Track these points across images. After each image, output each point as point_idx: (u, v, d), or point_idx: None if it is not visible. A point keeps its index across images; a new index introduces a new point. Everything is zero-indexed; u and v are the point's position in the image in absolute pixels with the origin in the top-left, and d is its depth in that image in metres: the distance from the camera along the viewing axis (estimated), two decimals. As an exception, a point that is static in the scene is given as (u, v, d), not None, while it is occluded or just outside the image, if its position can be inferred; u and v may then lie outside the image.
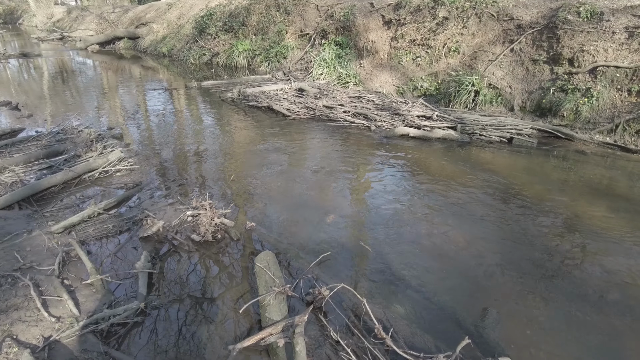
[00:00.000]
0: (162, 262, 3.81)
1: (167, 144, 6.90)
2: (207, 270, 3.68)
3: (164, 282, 3.54)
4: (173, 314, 3.17)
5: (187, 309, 3.21)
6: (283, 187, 5.28)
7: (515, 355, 2.76)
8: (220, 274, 3.63)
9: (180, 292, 3.40)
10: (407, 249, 3.98)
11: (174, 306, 3.25)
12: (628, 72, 6.99)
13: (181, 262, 3.80)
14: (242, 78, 11.97)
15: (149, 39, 19.46)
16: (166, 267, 3.73)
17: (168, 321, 3.10)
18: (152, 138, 7.32)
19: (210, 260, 3.81)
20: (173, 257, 3.88)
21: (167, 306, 3.25)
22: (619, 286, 3.46)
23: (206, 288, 3.45)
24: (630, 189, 5.33)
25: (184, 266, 3.74)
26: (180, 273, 3.64)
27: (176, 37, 18.09)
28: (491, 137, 6.95)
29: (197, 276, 3.60)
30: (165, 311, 3.21)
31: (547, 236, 4.20)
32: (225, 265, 3.74)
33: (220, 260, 3.81)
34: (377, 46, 10.66)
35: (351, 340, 2.82)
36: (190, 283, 3.52)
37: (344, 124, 7.91)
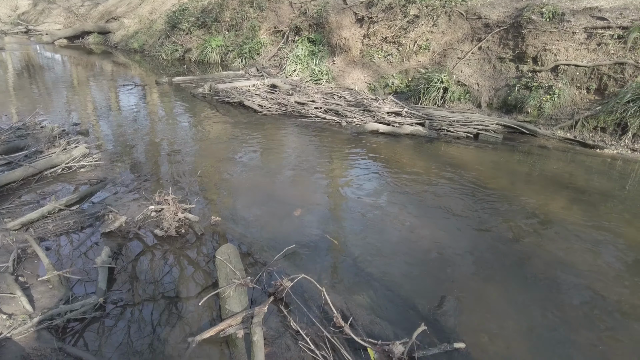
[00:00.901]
0: (124, 257, 3.75)
1: (135, 140, 6.78)
2: (169, 265, 3.64)
3: (126, 277, 3.48)
4: (133, 308, 3.13)
5: (148, 304, 3.18)
6: (252, 182, 5.27)
7: (471, 341, 2.84)
8: (183, 269, 3.60)
9: (142, 287, 3.36)
10: (372, 241, 4.04)
11: (135, 301, 3.21)
12: (587, 71, 7.26)
13: (144, 257, 3.76)
14: (215, 74, 11.85)
15: (119, 34, 19.02)
16: (128, 262, 3.68)
17: (128, 316, 3.06)
18: (120, 134, 7.17)
19: (173, 255, 3.78)
20: (135, 253, 3.82)
21: (127, 301, 3.21)
22: (573, 273, 3.60)
23: (168, 282, 3.42)
24: (587, 182, 5.54)
25: (146, 261, 3.69)
26: (143, 268, 3.60)
27: (148, 32, 17.74)
28: (458, 132, 7.11)
29: (159, 271, 3.56)
30: (125, 306, 3.16)
31: (508, 227, 4.33)
32: (187, 260, 3.72)
33: (183, 254, 3.78)
34: (350, 43, 10.72)
35: (311, 330, 2.85)
36: (152, 278, 3.48)
37: (316, 120, 7.94)
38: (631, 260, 3.84)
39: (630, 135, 6.48)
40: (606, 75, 7.08)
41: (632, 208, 4.81)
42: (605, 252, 3.93)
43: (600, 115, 6.80)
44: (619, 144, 6.54)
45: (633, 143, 6.45)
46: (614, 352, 2.80)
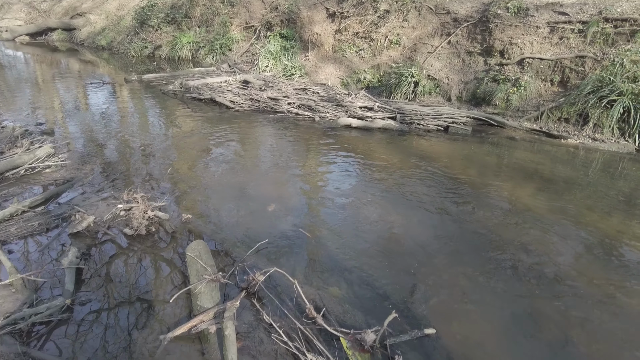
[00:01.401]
0: (92, 258, 3.66)
1: (103, 139, 6.60)
2: (140, 264, 3.58)
3: (95, 278, 3.41)
4: (103, 309, 3.07)
5: (118, 304, 3.12)
6: (224, 178, 5.22)
7: (441, 326, 2.91)
8: (154, 267, 3.55)
9: (112, 287, 3.29)
10: (346, 233, 4.07)
11: (105, 301, 3.15)
12: (550, 64, 7.49)
13: (113, 257, 3.68)
14: (186, 70, 11.66)
15: (86, 30, 18.44)
16: (97, 263, 3.60)
17: (97, 317, 3.00)
18: (89, 133, 6.97)
19: (143, 253, 3.71)
20: (105, 252, 3.74)
21: (96, 302, 3.14)
22: (539, 257, 3.73)
23: (139, 281, 3.36)
24: (552, 171, 5.73)
25: (116, 261, 3.62)
26: (112, 268, 3.52)
27: (116, 29, 17.27)
28: (429, 126, 7.22)
29: (129, 270, 3.50)
30: (94, 307, 3.10)
31: (477, 216, 4.44)
32: (158, 258, 3.66)
33: (153, 253, 3.72)
34: (322, 39, 10.72)
35: (284, 322, 2.86)
36: (122, 277, 3.41)
37: (289, 116, 7.92)
38: (592, 243, 4.00)
39: (591, 125, 6.73)
40: (568, 68, 7.33)
41: (593, 195, 5.01)
42: (569, 237, 4.08)
43: (564, 106, 7.04)
44: (581, 134, 6.79)
45: (594, 133, 6.71)
46: (577, 330, 2.92)
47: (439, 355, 2.67)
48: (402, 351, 2.65)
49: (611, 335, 2.90)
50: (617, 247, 3.96)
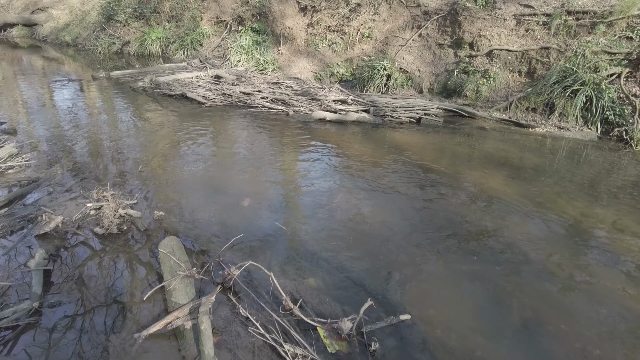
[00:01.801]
0: (62, 259, 3.55)
1: (71, 138, 6.39)
2: (112, 263, 3.49)
3: (64, 280, 3.30)
4: (74, 311, 2.98)
5: (90, 305, 3.04)
6: (197, 174, 5.14)
7: (416, 312, 2.96)
8: (126, 266, 3.47)
9: (83, 288, 3.20)
10: (321, 225, 4.08)
11: (75, 303, 3.06)
12: (517, 55, 7.70)
13: (84, 257, 3.57)
14: (156, 67, 11.40)
15: (48, 26, 17.75)
16: (67, 264, 3.49)
17: (68, 319, 2.91)
18: (55, 132, 6.72)
19: (115, 252, 3.62)
20: (75, 253, 3.63)
21: (66, 304, 3.05)
22: (510, 243, 3.84)
23: (111, 281, 3.28)
24: (521, 159, 5.90)
25: (86, 261, 3.52)
26: (83, 268, 3.43)
27: (81, 24, 16.69)
28: (401, 118, 7.31)
29: (101, 270, 3.41)
30: (64, 309, 3.00)
31: (450, 204, 4.53)
32: (131, 257, 3.58)
33: (126, 252, 3.63)
34: (294, 32, 10.67)
35: (261, 315, 2.85)
36: (93, 278, 3.32)
37: (263, 110, 7.85)
38: (559, 227, 4.15)
39: (557, 114, 6.96)
40: (534, 59, 7.55)
41: (560, 181, 5.19)
42: (537, 222, 4.22)
43: (531, 96, 7.25)
44: (547, 122, 7.01)
45: (559, 122, 6.94)
46: (546, 309, 3.03)
47: (415, 340, 2.72)
48: (379, 338, 2.69)
49: (577, 313, 3.02)
50: (582, 230, 4.12)
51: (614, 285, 3.32)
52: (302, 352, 2.46)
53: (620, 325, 2.94)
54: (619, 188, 5.03)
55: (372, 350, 2.56)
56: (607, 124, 6.62)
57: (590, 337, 2.82)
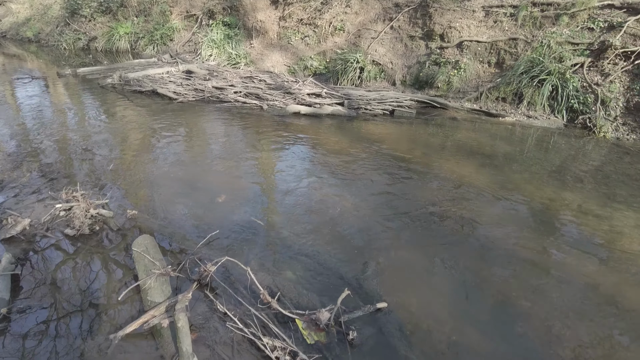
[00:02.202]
0: (31, 262, 3.44)
1: (37, 137, 6.16)
2: (85, 265, 3.41)
3: (35, 284, 3.20)
4: (46, 315, 2.89)
5: (62, 308, 2.96)
6: (170, 171, 5.05)
7: (393, 300, 3.02)
8: (99, 267, 3.39)
9: (54, 292, 3.11)
10: (298, 218, 4.09)
11: (47, 307, 2.97)
12: (487, 46, 7.86)
13: (54, 259, 3.47)
14: (125, 63, 11.10)
15: (7, 21, 17.00)
16: (37, 268, 3.38)
17: (40, 325, 2.82)
18: (19, 131, 6.47)
19: (88, 253, 3.53)
20: (45, 256, 3.52)
21: (37, 308, 2.95)
22: (482, 228, 3.94)
23: (84, 283, 3.20)
24: (492, 147, 6.05)
25: (57, 264, 3.42)
26: (53, 271, 3.33)
27: (43, 19, 16.06)
28: (375, 110, 7.37)
29: (73, 272, 3.32)
30: (35, 314, 2.91)
31: (425, 194, 4.61)
32: (104, 257, 3.50)
33: (99, 252, 3.55)
34: (266, 26, 10.57)
35: (239, 310, 2.85)
36: (65, 280, 3.23)
37: (236, 105, 7.78)
38: (530, 212, 4.29)
39: (525, 103, 7.16)
40: (503, 50, 7.72)
41: (530, 168, 5.35)
42: (508, 208, 4.35)
43: (500, 86, 7.42)
44: (517, 111, 7.20)
45: (528, 110, 7.14)
46: (516, 292, 3.14)
47: (391, 327, 2.77)
48: (356, 326, 2.73)
49: (546, 293, 3.14)
50: (550, 213, 4.27)
51: (580, 266, 3.46)
52: (281, 344, 2.47)
53: (585, 303, 3.07)
54: (584, 173, 5.22)
55: (350, 339, 2.60)
56: (572, 112, 6.86)
57: (558, 316, 2.93)
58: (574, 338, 2.76)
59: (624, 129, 6.41)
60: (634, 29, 6.68)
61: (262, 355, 2.54)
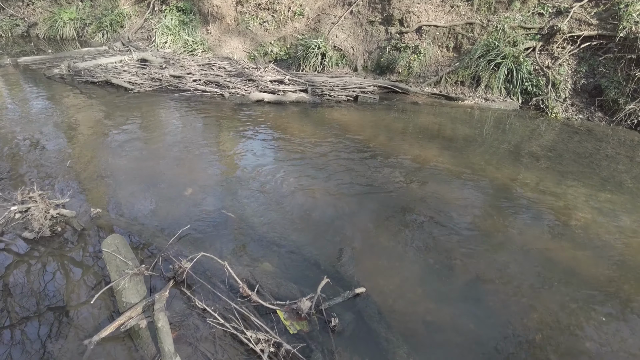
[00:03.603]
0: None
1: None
2: (49, 270, 3.24)
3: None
4: (9, 327, 2.74)
5: (29, 318, 2.80)
6: (133, 166, 4.86)
7: (369, 284, 3.08)
8: (66, 271, 3.24)
9: (18, 301, 2.94)
10: (269, 209, 4.07)
11: (11, 319, 2.80)
12: (445, 31, 8.02)
13: (14, 266, 3.28)
14: (72, 51, 10.44)
15: None
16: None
17: (5, 338, 2.67)
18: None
19: (51, 257, 3.36)
20: (2, 263, 3.32)
21: (0, 321, 2.79)
22: (447, 210, 4.09)
23: (51, 289, 3.05)
24: (453, 130, 6.24)
25: (16, 269, 3.23)
26: (15, 279, 3.14)
27: (-27, 3, 14.73)
28: (339, 96, 7.39)
29: (35, 278, 3.15)
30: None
31: (391, 178, 4.71)
32: (70, 260, 3.34)
33: (63, 255, 3.39)
34: (223, 11, 10.24)
35: (218, 305, 2.82)
36: (29, 288, 3.06)
37: (196, 94, 7.54)
38: (491, 192, 4.49)
39: (482, 86, 7.40)
40: (460, 34, 7.91)
41: (489, 149, 5.58)
42: (471, 188, 4.53)
43: (459, 70, 7.63)
44: (475, 95, 7.44)
45: (486, 93, 7.40)
46: (485, 270, 3.30)
47: (371, 311, 2.84)
48: (337, 313, 2.78)
49: (510, 269, 3.32)
50: (511, 192, 4.49)
51: (541, 241, 3.68)
52: (265, 336, 2.48)
53: (546, 274, 3.27)
54: (539, 152, 5.51)
55: (332, 326, 2.65)
56: (527, 94, 7.18)
57: (523, 289, 3.12)
58: (539, 308, 2.94)
59: (573, 110, 6.79)
60: (580, 14, 7.03)
61: (246, 349, 2.54)
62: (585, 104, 6.77)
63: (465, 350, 2.65)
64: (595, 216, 4.07)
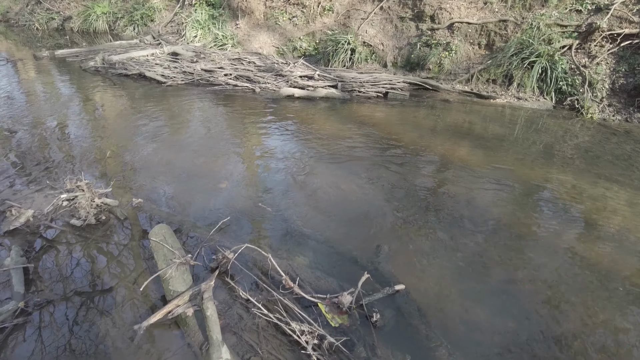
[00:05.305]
0: (39, 254, 3.38)
1: (21, 125, 5.93)
2: (96, 256, 3.37)
3: (46, 276, 3.16)
4: (63, 308, 2.87)
5: (79, 300, 2.93)
6: (168, 158, 4.97)
7: (406, 281, 3.10)
8: (112, 257, 3.36)
9: (68, 284, 3.07)
10: (303, 203, 4.12)
11: (63, 299, 2.94)
12: (477, 28, 7.90)
13: (63, 251, 3.42)
14: (105, 45, 10.69)
15: (-27, -1, 16.05)
16: (46, 260, 3.32)
17: (59, 317, 2.80)
18: (3, 119, 6.21)
19: (97, 244, 3.49)
20: (52, 248, 3.46)
21: (54, 301, 2.92)
22: (481, 209, 4.06)
23: (98, 274, 3.17)
24: (484, 129, 6.17)
25: (67, 255, 3.37)
26: (65, 263, 3.28)
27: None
28: (369, 92, 7.37)
29: (85, 263, 3.28)
30: (53, 307, 2.88)
31: (423, 176, 4.70)
32: (115, 247, 3.47)
33: (108, 243, 3.51)
34: (252, 6, 10.32)
35: (261, 296, 2.89)
36: (77, 272, 3.19)
37: (227, 88, 7.64)
38: (525, 191, 4.44)
39: (515, 85, 7.28)
40: (493, 31, 7.79)
41: (521, 149, 5.50)
42: (505, 188, 4.47)
43: (491, 68, 7.52)
44: (507, 93, 7.32)
45: (518, 92, 7.27)
46: (520, 269, 3.27)
47: (410, 308, 2.87)
48: (378, 309, 2.81)
49: (548, 272, 3.28)
50: (546, 193, 4.43)
51: (578, 244, 3.63)
52: (308, 328, 2.53)
53: (585, 278, 3.23)
54: (574, 154, 5.40)
55: (373, 321, 2.68)
56: (561, 94, 7.02)
57: (560, 291, 3.09)
58: (578, 311, 2.91)
59: (610, 110, 6.61)
60: (620, 12, 6.83)
61: (289, 340, 2.59)
62: (623, 104, 6.59)
63: (505, 350, 2.65)
64: (637, 220, 3.98)
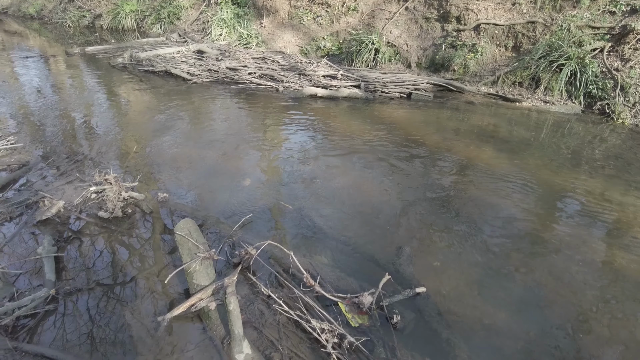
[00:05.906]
0: (69, 244, 3.49)
1: (53, 119, 6.15)
2: (122, 247, 3.47)
3: (76, 265, 3.27)
4: (91, 297, 2.96)
5: (106, 290, 3.02)
6: (192, 155, 5.07)
7: (427, 284, 3.09)
8: (137, 250, 3.45)
9: (96, 273, 3.18)
10: (324, 202, 4.13)
11: (91, 288, 3.04)
12: (504, 29, 7.77)
13: (91, 241, 3.53)
14: (133, 42, 10.95)
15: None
16: (75, 250, 3.44)
17: (86, 305, 2.90)
18: (32, 113, 6.44)
19: (123, 236, 3.59)
20: (81, 238, 3.58)
21: (82, 289, 3.02)
22: (504, 213, 4.00)
23: (124, 265, 3.26)
24: (509, 132, 6.07)
25: (95, 246, 3.48)
26: (92, 253, 3.39)
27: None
28: (392, 93, 7.34)
29: (111, 254, 3.38)
30: (81, 295, 2.99)
31: (445, 178, 4.65)
32: (140, 240, 3.56)
33: (134, 235, 3.61)
34: (277, 5, 10.39)
35: (282, 293, 2.92)
36: (104, 262, 3.29)
37: (251, 86, 7.73)
38: (551, 197, 4.34)
39: (542, 88, 7.13)
40: (520, 33, 7.64)
41: (546, 153, 5.38)
42: (530, 194, 4.39)
43: (517, 71, 7.38)
44: (533, 96, 7.18)
45: (545, 96, 7.12)
46: (543, 274, 3.21)
47: (431, 310, 2.85)
48: (398, 311, 2.80)
49: (573, 280, 3.21)
50: (574, 201, 4.33)
51: (606, 252, 3.53)
52: (329, 326, 2.55)
53: (612, 287, 3.14)
54: (604, 159, 5.26)
55: (394, 323, 2.68)
56: (590, 98, 6.84)
57: (586, 300, 3.01)
58: (604, 321, 2.84)
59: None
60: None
61: (309, 337, 2.62)
62: (656, 110, 6.38)
63: (526, 358, 2.61)
64: (669, 230, 3.85)
